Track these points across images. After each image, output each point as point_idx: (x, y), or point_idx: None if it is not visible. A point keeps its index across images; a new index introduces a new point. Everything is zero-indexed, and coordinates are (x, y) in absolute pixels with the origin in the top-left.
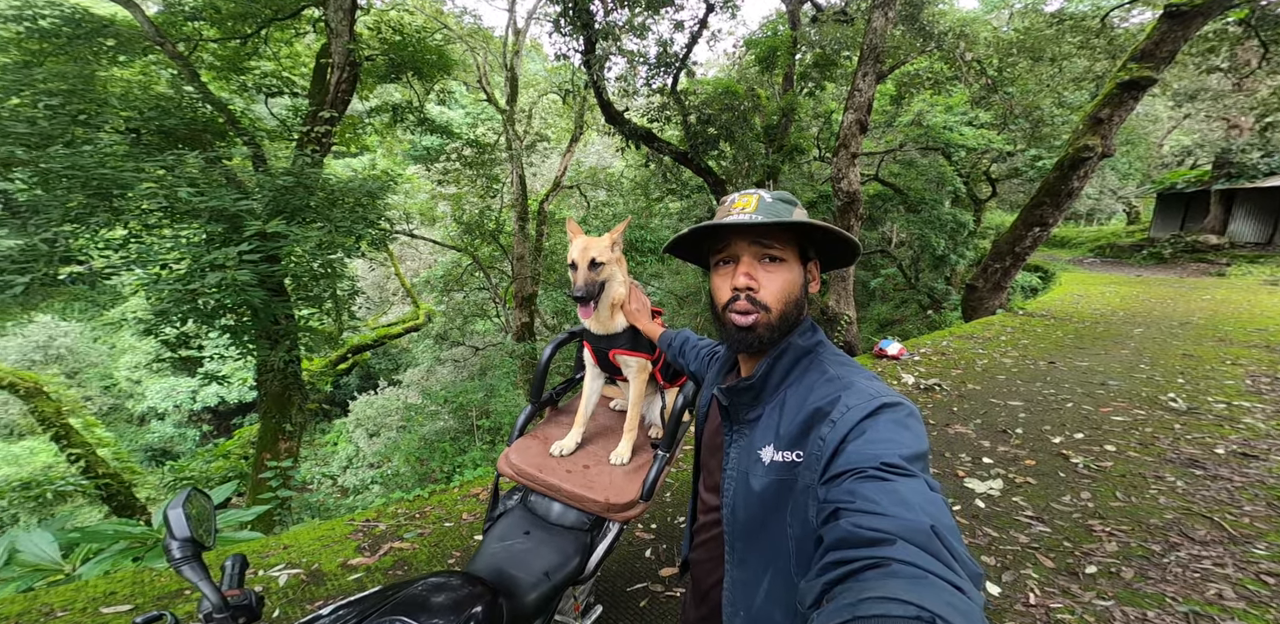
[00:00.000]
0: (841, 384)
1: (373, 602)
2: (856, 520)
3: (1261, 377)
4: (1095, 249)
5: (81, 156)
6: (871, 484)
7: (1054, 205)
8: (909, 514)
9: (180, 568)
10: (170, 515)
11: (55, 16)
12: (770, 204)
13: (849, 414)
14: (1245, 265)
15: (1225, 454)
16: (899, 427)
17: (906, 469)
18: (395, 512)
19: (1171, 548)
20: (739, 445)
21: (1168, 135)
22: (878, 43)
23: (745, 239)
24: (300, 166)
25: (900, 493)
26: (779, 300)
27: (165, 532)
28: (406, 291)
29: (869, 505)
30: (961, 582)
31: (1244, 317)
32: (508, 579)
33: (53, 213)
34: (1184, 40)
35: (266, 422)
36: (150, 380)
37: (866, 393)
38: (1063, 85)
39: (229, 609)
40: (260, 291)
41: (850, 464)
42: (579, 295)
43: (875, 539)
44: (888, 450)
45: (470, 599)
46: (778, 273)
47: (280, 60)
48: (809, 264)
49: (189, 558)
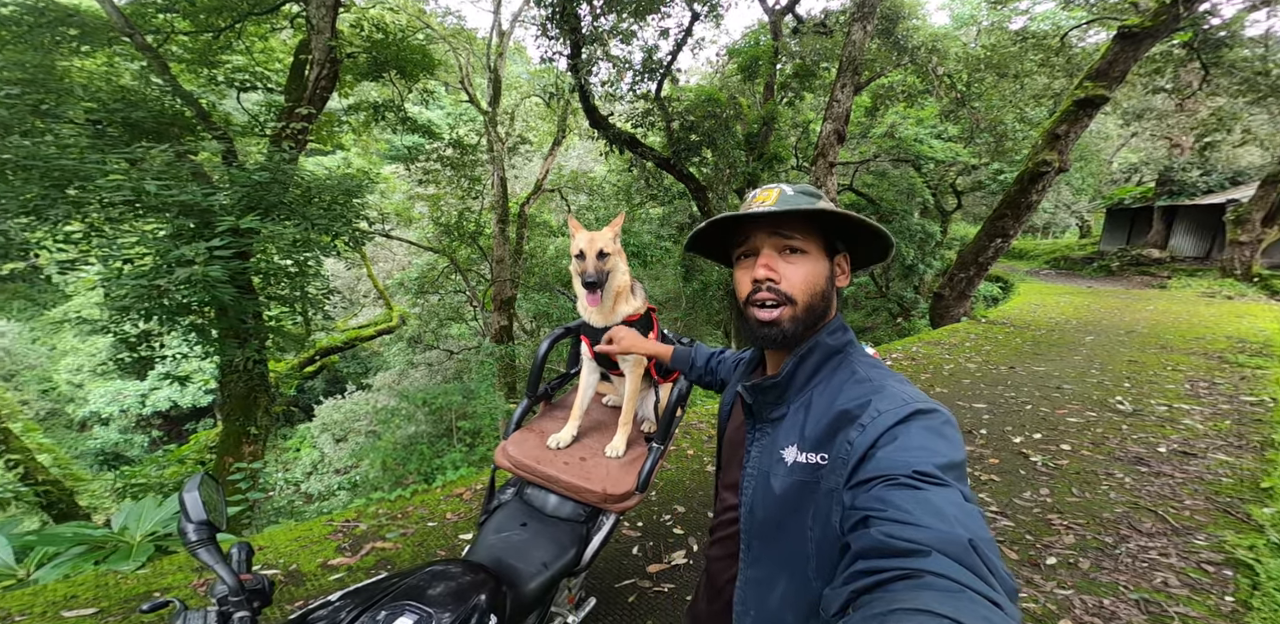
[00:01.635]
0: (872, 387)
1: (379, 589)
2: (888, 530)
3: (1199, 381)
4: (1051, 261)
5: (41, 147)
6: (903, 492)
7: (1014, 217)
8: (944, 526)
9: (197, 551)
10: (186, 498)
11: (16, 4)
12: (791, 197)
13: (880, 419)
14: (1185, 278)
15: (1167, 452)
16: (934, 434)
17: (940, 479)
18: (376, 512)
19: (1122, 540)
20: (761, 444)
21: (1117, 152)
22: (856, 55)
23: (764, 231)
24: (277, 162)
25: (934, 503)
26: (803, 292)
27: (181, 515)
28: (379, 293)
29: (901, 515)
30: (999, 597)
31: (1183, 326)
32: (507, 569)
33: (8, 204)
34: (1134, 60)
35: (230, 424)
36: (94, 384)
37: (899, 397)
38: (1024, 101)
39: (244, 592)
40: (230, 288)
41: (880, 471)
42: (590, 281)
43: (908, 550)
44: (921, 458)
45: (475, 586)
46: (800, 264)
47: (254, 55)
48: (837, 257)
49: (205, 541)
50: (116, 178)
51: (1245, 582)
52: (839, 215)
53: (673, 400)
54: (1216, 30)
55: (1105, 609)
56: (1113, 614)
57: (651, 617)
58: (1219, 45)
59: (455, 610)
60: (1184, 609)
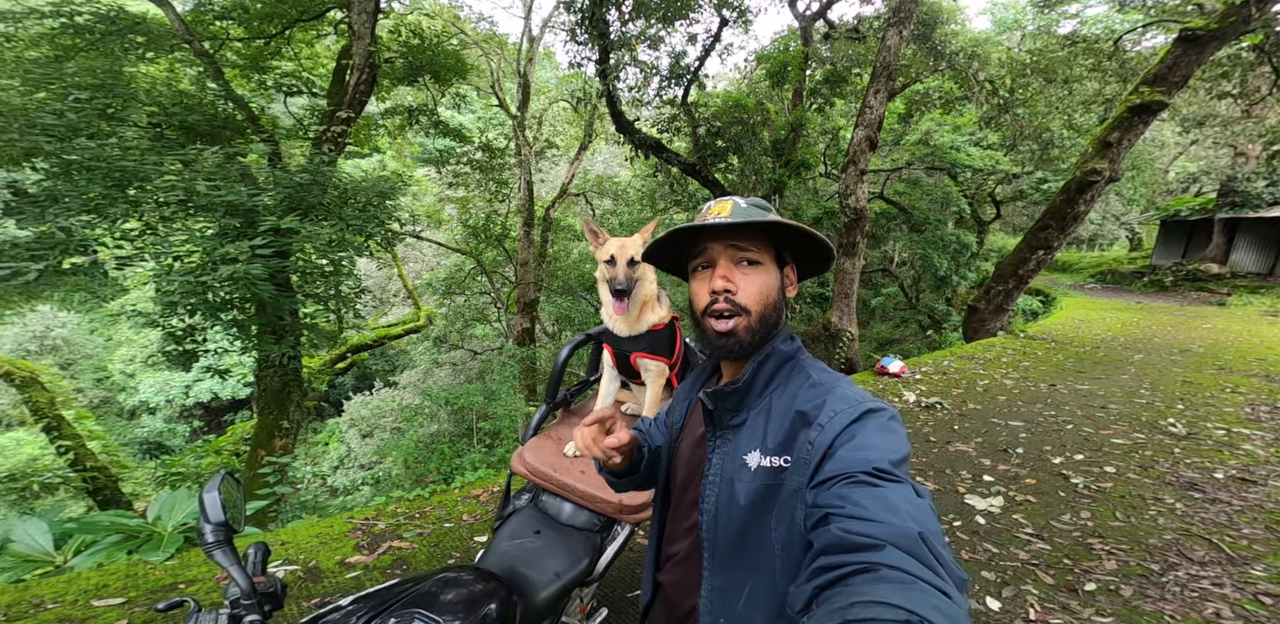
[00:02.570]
0: (825, 389)
1: (390, 595)
2: (846, 526)
3: (1261, 405)
4: (1096, 274)
5: (106, 149)
6: (861, 489)
7: (1059, 229)
8: (897, 520)
9: (213, 552)
10: (205, 499)
11: (91, 13)
12: (745, 209)
13: (836, 419)
14: (1246, 295)
15: (1224, 478)
16: (885, 431)
17: (894, 475)
18: (395, 511)
19: (1170, 567)
20: (722, 451)
21: (1174, 161)
22: (891, 60)
23: (721, 242)
24: (317, 165)
25: (889, 499)
26: (757, 302)
27: (200, 515)
28: (408, 293)
29: (859, 511)
30: (947, 587)
31: (1243, 346)
32: (519, 578)
33: (72, 202)
34: (1197, 65)
35: (264, 418)
36: (144, 374)
37: (851, 398)
38: (1073, 107)
39: (256, 596)
40: (269, 286)
41: (840, 469)
42: (620, 288)
43: (865, 545)
44: (877, 455)
45: (486, 595)
46: (754, 275)
47: (301, 60)
48: (785, 268)
49: (221, 542)
50: (171, 178)
51: None
52: (791, 227)
53: None
54: None
55: None
56: None
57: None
58: None
59: (465, 619)
60: None
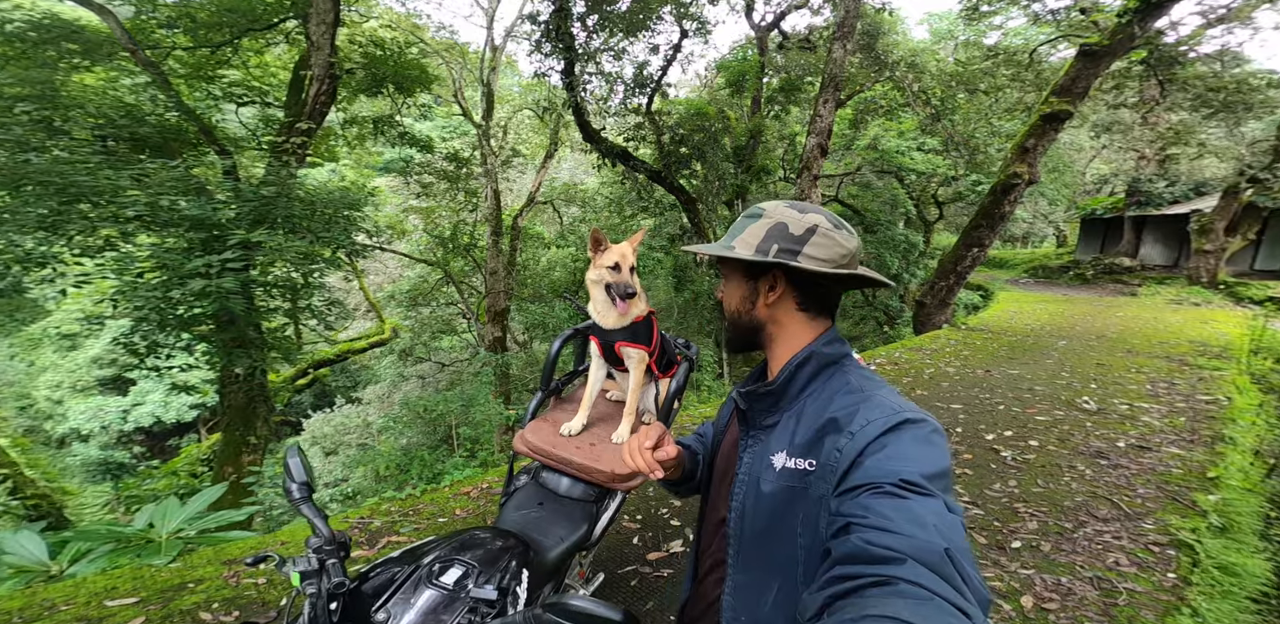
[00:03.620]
0: (863, 396)
1: (430, 547)
2: (867, 537)
3: (1160, 382)
4: (1029, 270)
5: (58, 164)
6: (887, 501)
7: (989, 227)
8: (923, 534)
9: (300, 506)
10: (291, 463)
11: (22, 20)
12: (736, 224)
13: (868, 428)
14: (1154, 286)
15: (1125, 447)
16: (922, 443)
17: (925, 488)
18: (389, 510)
19: (1080, 525)
20: (753, 450)
21: (1089, 164)
22: (837, 72)
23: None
24: (284, 177)
25: (915, 512)
26: (726, 309)
27: (285, 477)
28: (371, 306)
29: (882, 522)
30: (969, 607)
31: (1149, 331)
32: (529, 541)
33: (24, 219)
34: (1095, 77)
35: (230, 434)
36: (74, 400)
37: (889, 407)
38: (997, 115)
39: (335, 542)
40: (242, 299)
41: (867, 479)
42: (632, 292)
43: (884, 557)
44: (908, 467)
45: (509, 547)
46: (725, 287)
47: (249, 70)
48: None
49: (305, 498)
50: (134, 193)
51: (1186, 560)
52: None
53: (671, 392)
54: (1172, 48)
55: (1063, 586)
56: (1069, 591)
57: (652, 598)
58: (1172, 63)
59: (494, 564)
60: (1131, 585)
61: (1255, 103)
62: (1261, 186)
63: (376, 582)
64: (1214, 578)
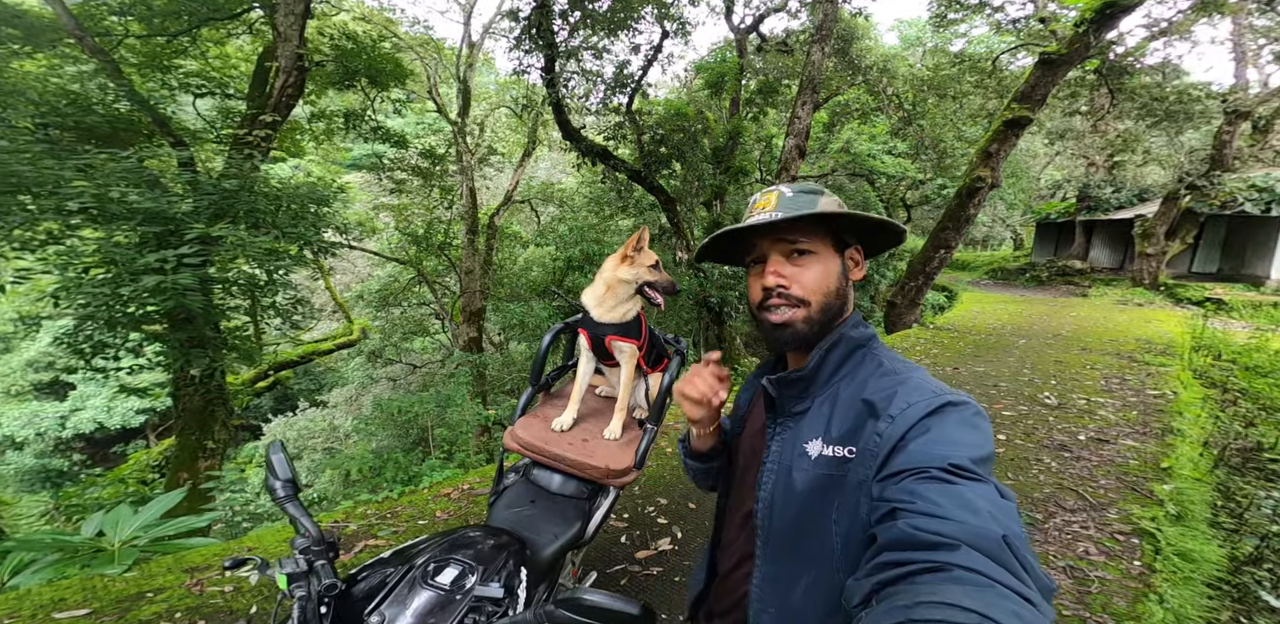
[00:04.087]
0: (899, 379)
1: (425, 546)
2: (915, 523)
3: (1113, 378)
4: (990, 272)
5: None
6: (934, 486)
7: (955, 230)
8: (977, 520)
9: (285, 505)
10: (274, 459)
11: None
12: (791, 198)
13: (909, 411)
14: (1102, 287)
15: (1086, 439)
16: (967, 427)
17: (974, 473)
18: (365, 513)
19: (1050, 516)
20: (782, 438)
21: (1044, 169)
22: (815, 75)
23: (768, 238)
24: (247, 170)
25: (966, 497)
26: (815, 292)
27: (268, 474)
28: (338, 306)
29: (931, 507)
30: (1031, 593)
31: (1100, 330)
32: (524, 538)
33: None
34: (1053, 85)
35: (185, 438)
36: (7, 406)
37: (928, 389)
38: (962, 120)
39: (324, 542)
40: (200, 296)
41: (912, 463)
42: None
43: (936, 543)
44: (955, 451)
45: (505, 545)
46: (809, 265)
47: (208, 61)
48: (849, 250)
49: (290, 496)
50: (80, 184)
51: (1149, 548)
52: (836, 217)
53: (664, 387)
54: (1121, 58)
55: None
56: None
57: (642, 597)
58: (1122, 73)
59: (491, 563)
60: (1102, 573)
61: (1195, 113)
62: (1199, 193)
63: (367, 584)
64: (1175, 565)
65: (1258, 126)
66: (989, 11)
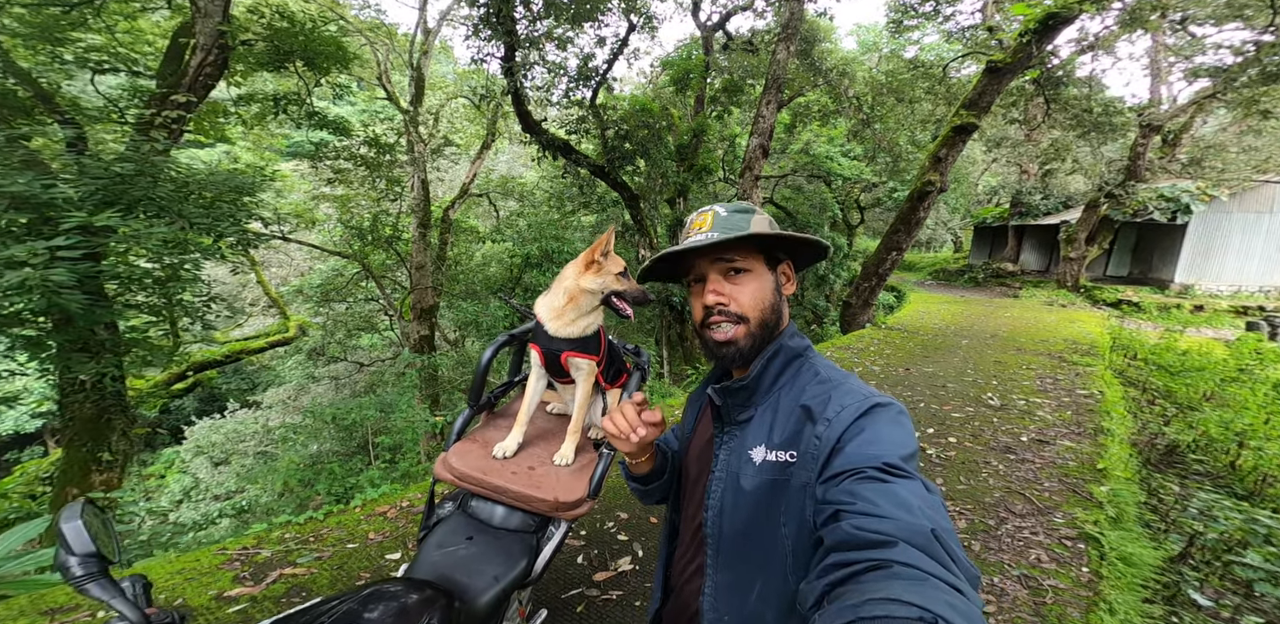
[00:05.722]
0: (833, 385)
1: (312, 615)
2: (857, 523)
3: (1046, 377)
4: (933, 273)
5: None
6: (871, 485)
7: (906, 232)
8: (909, 517)
9: (85, 586)
10: (66, 529)
11: None
12: (726, 218)
13: (843, 413)
14: (1032, 289)
15: (1028, 441)
16: (894, 425)
17: (904, 470)
18: (282, 537)
19: (1002, 522)
20: (728, 446)
21: (981, 176)
22: (780, 73)
23: (706, 258)
24: (147, 153)
25: (900, 495)
26: (753, 308)
27: (60, 549)
28: (272, 301)
29: (869, 507)
30: (960, 584)
31: (1032, 330)
32: (456, 585)
33: None
34: (998, 92)
35: (74, 451)
36: None
37: (859, 393)
38: (914, 125)
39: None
40: (79, 295)
41: (850, 464)
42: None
43: (876, 541)
44: (887, 451)
45: (423, 605)
46: (746, 283)
47: (115, 34)
48: (780, 267)
49: (94, 575)
50: None
51: (1094, 554)
52: (768, 237)
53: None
54: (1057, 69)
55: (996, 586)
56: (1003, 591)
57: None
58: (1059, 84)
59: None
60: (1054, 581)
61: (1117, 125)
62: (1115, 202)
63: None
64: (1119, 570)
65: (1167, 140)
66: (941, 19)
